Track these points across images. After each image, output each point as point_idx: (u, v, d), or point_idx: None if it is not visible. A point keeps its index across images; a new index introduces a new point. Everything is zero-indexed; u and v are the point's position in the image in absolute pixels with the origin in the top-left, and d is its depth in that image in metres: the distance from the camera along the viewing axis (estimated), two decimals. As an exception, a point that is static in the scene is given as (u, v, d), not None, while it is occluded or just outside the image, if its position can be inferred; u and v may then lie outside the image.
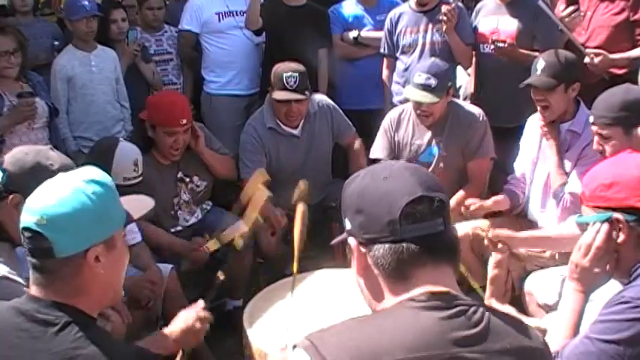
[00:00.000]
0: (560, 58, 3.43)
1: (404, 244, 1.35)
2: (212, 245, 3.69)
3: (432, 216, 1.36)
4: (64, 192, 1.62)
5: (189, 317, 2.32)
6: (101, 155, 3.38)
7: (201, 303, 2.41)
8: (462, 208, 3.57)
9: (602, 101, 2.97)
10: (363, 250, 1.41)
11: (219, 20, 4.98)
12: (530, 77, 3.48)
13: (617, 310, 1.82)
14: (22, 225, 1.63)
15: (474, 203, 3.56)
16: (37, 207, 1.61)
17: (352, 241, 1.43)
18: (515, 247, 3.07)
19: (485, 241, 3.06)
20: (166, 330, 2.31)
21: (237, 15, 4.95)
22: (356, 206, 1.41)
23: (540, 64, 3.46)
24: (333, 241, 1.59)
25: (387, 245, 1.36)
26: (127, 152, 3.44)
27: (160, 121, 3.75)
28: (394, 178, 1.40)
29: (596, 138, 2.97)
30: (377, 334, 1.30)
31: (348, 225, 1.44)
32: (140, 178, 3.46)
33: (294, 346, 1.34)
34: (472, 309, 1.34)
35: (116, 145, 3.43)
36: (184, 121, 3.76)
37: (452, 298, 1.35)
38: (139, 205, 1.95)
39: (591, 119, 2.98)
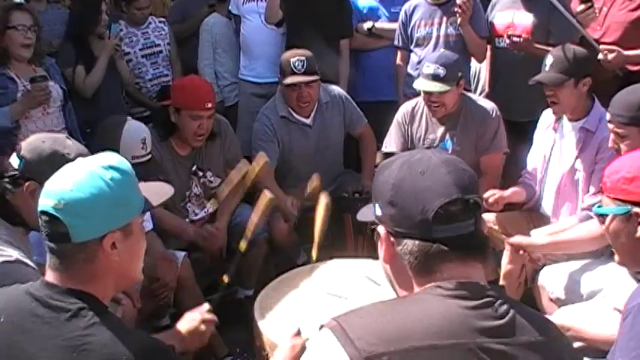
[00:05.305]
0: (568, 53, 3.41)
1: (434, 244, 1.35)
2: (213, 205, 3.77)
3: (465, 217, 1.36)
4: (81, 177, 1.62)
5: (194, 319, 2.28)
6: (109, 134, 3.36)
7: (206, 305, 2.37)
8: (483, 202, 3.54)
9: (620, 100, 2.94)
10: (391, 239, 1.41)
11: (243, 4, 4.95)
12: (540, 74, 3.47)
13: None
14: (39, 208, 1.64)
15: (493, 194, 3.55)
16: (55, 191, 1.62)
17: (381, 230, 1.43)
18: (534, 252, 3.06)
19: (507, 248, 3.05)
20: (172, 330, 2.28)
21: (261, 0, 4.84)
22: (389, 198, 1.40)
23: (549, 59, 3.45)
24: (359, 216, 1.59)
25: (416, 242, 1.36)
26: (135, 131, 3.40)
27: (185, 103, 3.72)
28: (431, 174, 1.38)
29: (612, 135, 2.96)
30: (404, 319, 1.30)
31: (378, 211, 1.43)
32: (149, 156, 3.42)
33: (320, 327, 1.34)
34: (499, 301, 1.34)
35: (124, 124, 3.39)
36: (209, 105, 3.74)
37: (479, 289, 1.35)
38: (158, 192, 1.94)
39: (608, 117, 2.97)
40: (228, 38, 5.19)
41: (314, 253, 3.19)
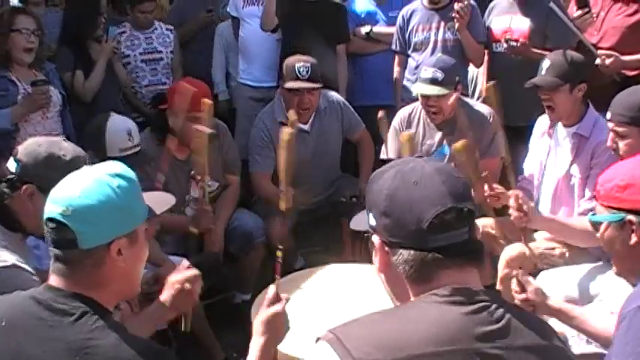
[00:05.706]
0: (566, 58, 3.41)
1: (429, 253, 1.35)
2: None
3: (459, 225, 1.36)
4: (88, 184, 1.64)
5: (177, 282, 2.25)
6: (94, 131, 3.37)
7: (185, 262, 2.36)
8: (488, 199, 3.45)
9: (621, 100, 2.95)
10: (386, 249, 1.41)
11: (243, 7, 4.95)
12: (536, 77, 3.48)
13: None
14: (46, 215, 1.64)
15: (497, 188, 3.41)
16: (62, 198, 1.62)
17: (376, 239, 1.43)
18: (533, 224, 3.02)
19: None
20: (161, 298, 2.25)
21: (261, 4, 4.83)
22: (383, 208, 1.39)
23: (546, 63, 3.45)
24: (353, 225, 1.59)
25: (411, 251, 1.36)
26: (119, 123, 3.41)
27: (183, 106, 3.74)
28: (425, 183, 1.38)
29: (611, 135, 2.97)
30: (401, 328, 1.30)
31: (372, 221, 1.43)
32: (137, 148, 3.42)
33: (317, 339, 1.34)
34: (494, 305, 1.35)
35: (107, 119, 3.40)
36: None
37: (474, 294, 1.35)
38: (161, 201, 1.96)
39: (608, 115, 2.97)
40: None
41: (283, 203, 2.63)
